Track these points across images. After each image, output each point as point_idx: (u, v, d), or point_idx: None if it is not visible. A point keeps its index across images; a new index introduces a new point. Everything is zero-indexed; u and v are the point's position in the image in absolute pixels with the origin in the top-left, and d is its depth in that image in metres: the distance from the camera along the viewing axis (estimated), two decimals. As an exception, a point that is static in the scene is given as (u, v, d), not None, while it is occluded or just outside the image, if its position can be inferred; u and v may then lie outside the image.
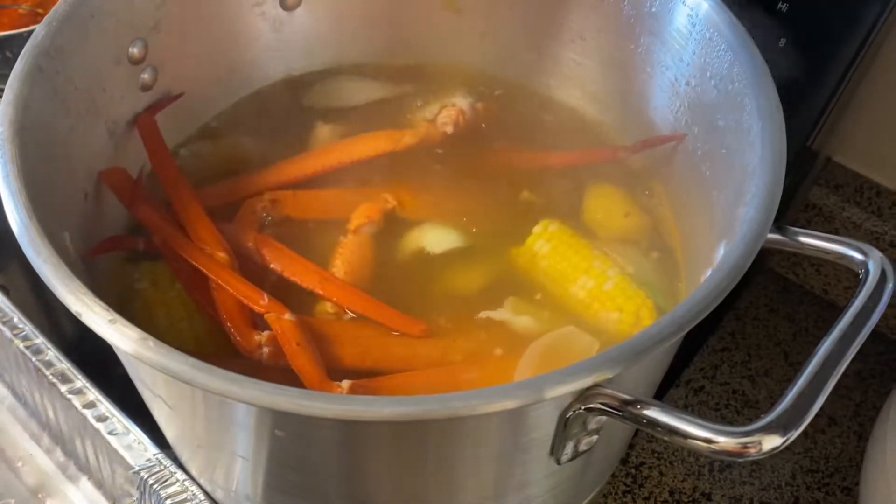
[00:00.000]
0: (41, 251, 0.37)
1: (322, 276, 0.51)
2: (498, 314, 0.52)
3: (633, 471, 0.65)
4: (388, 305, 0.50)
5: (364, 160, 0.59)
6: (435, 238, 0.55)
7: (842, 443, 0.67)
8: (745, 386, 0.70)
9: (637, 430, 0.66)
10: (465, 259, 0.54)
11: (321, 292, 0.50)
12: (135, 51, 0.53)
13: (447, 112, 0.62)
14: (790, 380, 0.71)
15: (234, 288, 0.48)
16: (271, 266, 0.52)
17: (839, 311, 0.73)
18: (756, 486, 0.64)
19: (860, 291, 0.37)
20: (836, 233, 0.66)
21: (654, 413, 0.35)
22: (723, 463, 0.65)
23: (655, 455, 0.65)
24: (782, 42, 0.54)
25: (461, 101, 0.63)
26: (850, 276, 0.74)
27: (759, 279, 0.78)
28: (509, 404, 0.34)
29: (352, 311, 0.50)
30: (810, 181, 0.71)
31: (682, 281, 0.54)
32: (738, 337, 0.73)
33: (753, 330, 0.74)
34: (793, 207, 0.72)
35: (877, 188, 0.70)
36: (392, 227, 0.56)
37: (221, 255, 0.50)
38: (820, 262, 0.75)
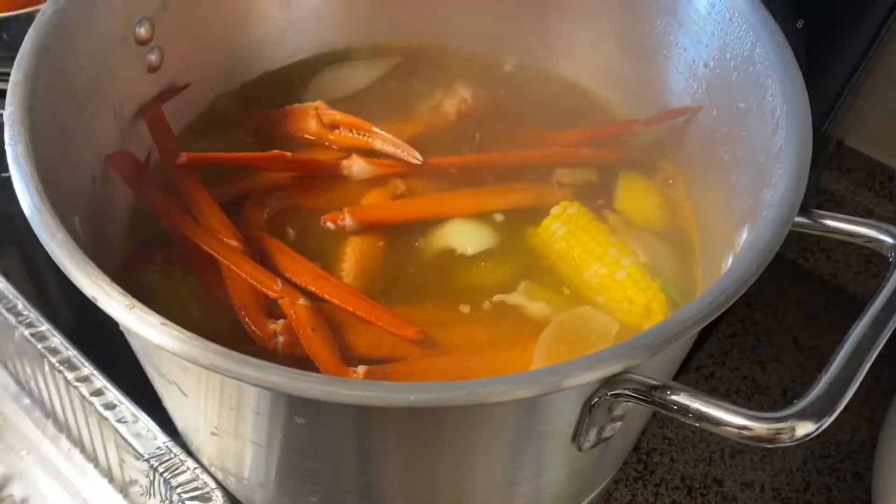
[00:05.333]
0: (55, 235, 0.36)
1: (316, 274, 0.50)
2: (512, 298, 0.51)
3: (644, 457, 0.64)
4: (381, 306, 0.49)
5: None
6: (464, 237, 0.54)
7: (853, 428, 0.67)
8: (756, 372, 0.70)
9: (652, 415, 0.65)
10: (489, 250, 0.54)
11: (314, 290, 0.49)
12: (142, 31, 0.52)
13: (450, 101, 0.61)
14: (800, 365, 0.71)
15: (247, 273, 0.47)
16: (267, 261, 0.51)
17: (849, 296, 0.73)
18: (767, 472, 0.64)
19: (892, 275, 0.37)
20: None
21: (683, 399, 0.34)
22: (734, 448, 0.65)
23: (667, 441, 0.65)
24: (800, 23, 0.54)
25: (464, 90, 0.62)
26: (861, 261, 0.74)
27: (768, 265, 0.77)
28: (535, 391, 0.34)
29: (347, 310, 0.49)
30: (822, 166, 0.71)
31: (698, 266, 0.54)
32: (747, 322, 0.73)
33: (763, 316, 0.74)
34: (805, 192, 0.71)
35: (889, 172, 0.70)
36: (413, 225, 0.54)
37: (233, 242, 0.49)
38: (830, 247, 0.75)
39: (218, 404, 0.40)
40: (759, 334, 0.72)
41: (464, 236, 0.54)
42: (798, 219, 0.40)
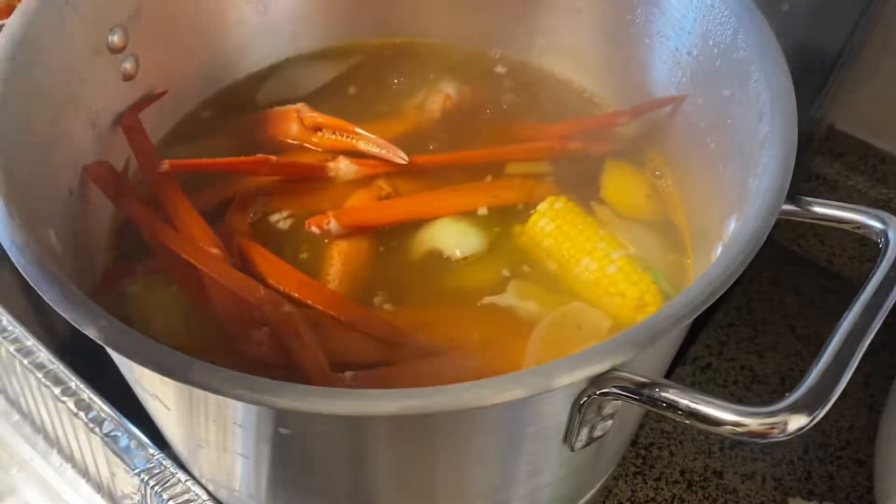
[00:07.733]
0: (22, 247, 0.35)
1: (300, 280, 0.49)
2: (502, 299, 0.50)
3: (642, 452, 0.63)
4: (367, 310, 0.48)
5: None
6: (451, 238, 0.53)
7: (853, 415, 0.66)
8: (753, 361, 0.69)
9: (646, 411, 0.65)
10: (477, 251, 0.53)
11: (298, 296, 0.48)
12: (115, 39, 0.51)
13: (434, 98, 0.60)
14: (798, 353, 0.70)
15: (228, 281, 0.46)
16: (250, 268, 0.50)
17: (845, 281, 0.72)
18: (768, 462, 0.63)
19: (881, 262, 0.36)
20: (841, 202, 0.65)
21: (673, 395, 0.33)
22: (733, 440, 0.64)
23: (665, 435, 0.64)
24: (786, 7, 0.53)
25: (447, 87, 0.61)
26: (856, 246, 0.73)
27: (762, 252, 0.76)
28: (521, 393, 0.33)
29: (332, 316, 0.48)
30: (813, 150, 0.70)
31: (688, 257, 0.53)
32: (743, 312, 0.72)
33: (759, 304, 0.73)
34: (796, 178, 0.70)
35: (881, 155, 0.69)
36: (399, 227, 0.54)
37: (214, 250, 0.48)
38: (824, 232, 0.74)
39: (201, 417, 0.39)
40: (755, 323, 0.71)
41: (451, 237, 0.53)
42: (786, 206, 0.39)
